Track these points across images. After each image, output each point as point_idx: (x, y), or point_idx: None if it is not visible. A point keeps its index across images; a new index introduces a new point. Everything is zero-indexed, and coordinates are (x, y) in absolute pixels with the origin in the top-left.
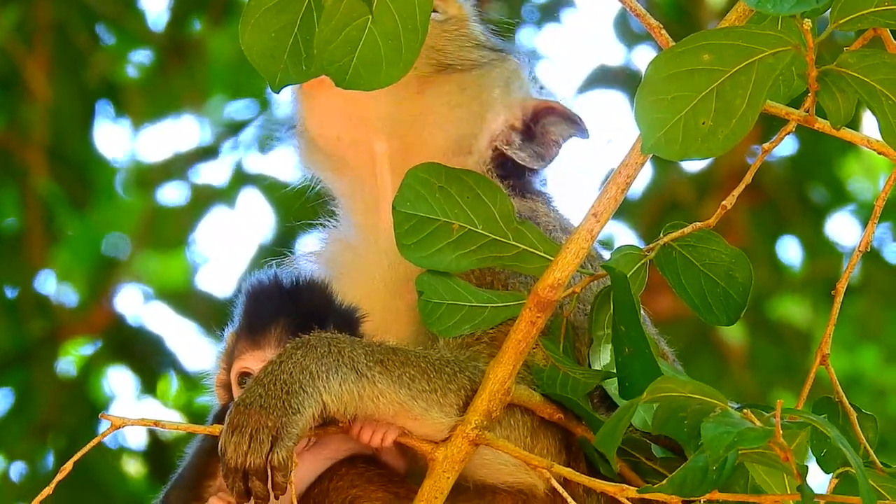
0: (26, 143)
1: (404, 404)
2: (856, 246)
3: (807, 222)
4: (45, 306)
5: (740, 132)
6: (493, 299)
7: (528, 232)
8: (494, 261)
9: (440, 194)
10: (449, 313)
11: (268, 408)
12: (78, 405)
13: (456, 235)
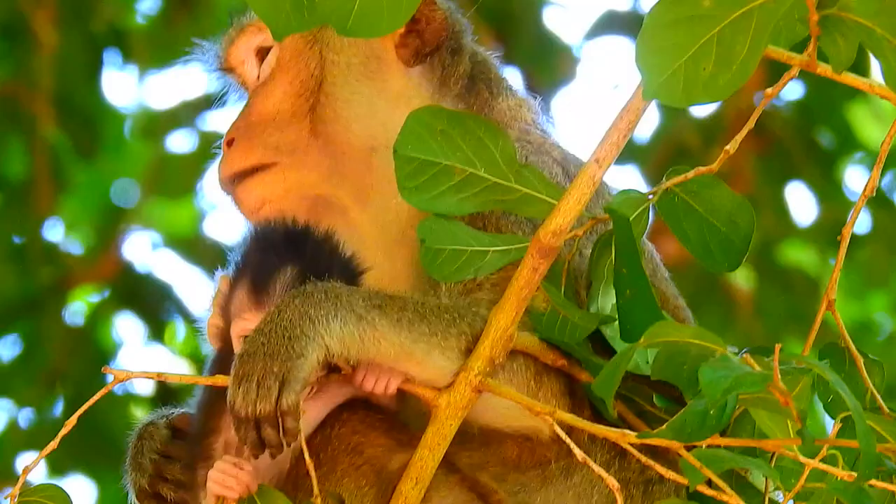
0: (33, 92)
1: (405, 347)
2: (863, 190)
3: (815, 168)
4: (52, 254)
5: (741, 78)
6: (495, 243)
7: (531, 175)
8: (497, 204)
9: (442, 137)
10: (451, 259)
11: (272, 354)
12: (86, 352)
13: (457, 178)
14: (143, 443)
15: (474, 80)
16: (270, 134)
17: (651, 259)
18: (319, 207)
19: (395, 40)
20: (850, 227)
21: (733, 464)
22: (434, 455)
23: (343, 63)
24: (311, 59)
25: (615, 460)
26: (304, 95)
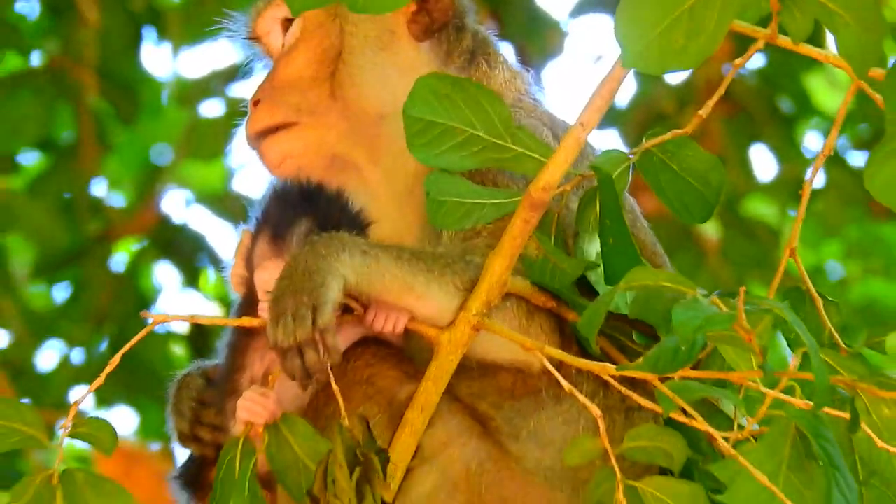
0: (79, 64)
1: (406, 280)
2: (820, 150)
3: (776, 131)
4: (98, 209)
5: (709, 48)
6: (492, 196)
7: (525, 136)
8: (494, 162)
9: (446, 101)
10: (453, 209)
11: (299, 289)
12: (128, 297)
13: (459, 138)
14: (182, 392)
15: (475, 54)
16: (293, 96)
17: (632, 211)
18: (336, 164)
19: (407, 17)
20: (810, 183)
21: (703, 393)
22: (437, 386)
23: (361, 35)
24: (332, 30)
25: (599, 390)
26: (325, 62)
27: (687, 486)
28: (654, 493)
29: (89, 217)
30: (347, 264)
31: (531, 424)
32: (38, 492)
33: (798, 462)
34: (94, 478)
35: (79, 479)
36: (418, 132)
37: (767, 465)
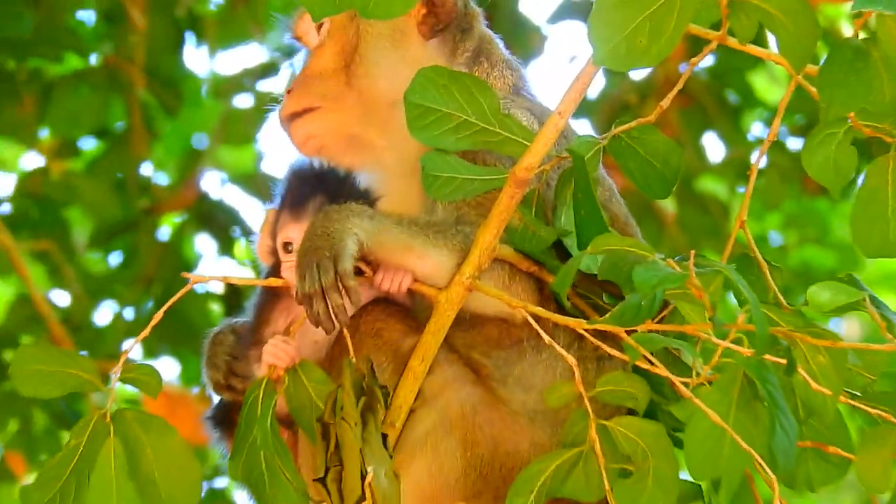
0: (129, 64)
1: (407, 242)
2: (766, 137)
3: (724, 120)
4: (146, 188)
5: (668, 48)
6: (480, 173)
7: (511, 123)
8: (484, 144)
9: (443, 90)
10: (446, 183)
11: (319, 247)
12: (172, 262)
13: (454, 123)
14: (215, 347)
15: (478, 54)
16: (317, 85)
17: (609, 189)
18: (353, 143)
19: (417, 19)
20: (756, 165)
21: (664, 344)
22: (436, 339)
23: (375, 33)
24: (351, 29)
25: (574, 342)
26: (345, 56)
27: (651, 425)
28: (622, 430)
29: (139, 194)
30: (358, 225)
31: (516, 371)
32: (94, 429)
33: (746, 403)
34: (142, 416)
35: (129, 417)
36: (417, 116)
37: (719, 406)
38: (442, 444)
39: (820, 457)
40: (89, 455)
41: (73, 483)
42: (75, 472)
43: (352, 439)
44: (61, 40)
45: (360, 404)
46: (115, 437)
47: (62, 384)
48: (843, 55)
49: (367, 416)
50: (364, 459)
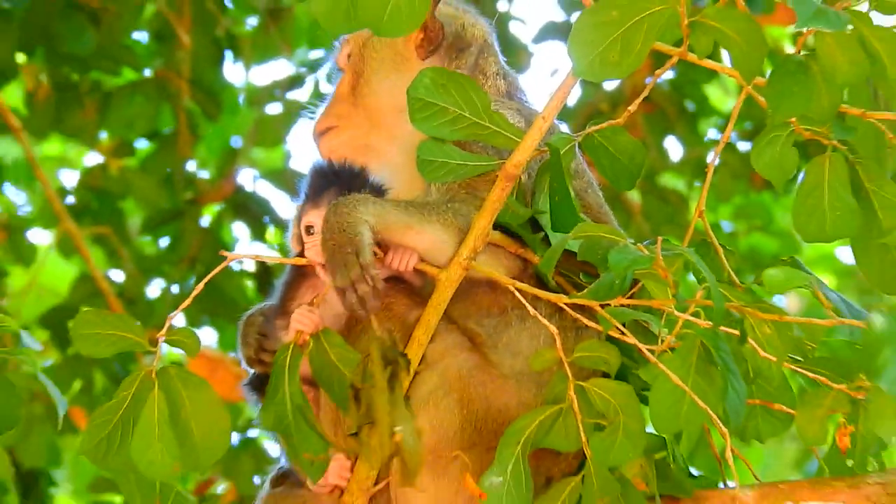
0: (177, 76)
1: (406, 221)
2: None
3: (683, 125)
4: (190, 182)
5: (637, 63)
6: (471, 159)
7: (499, 119)
8: (475, 135)
9: (441, 88)
10: (440, 167)
11: (342, 244)
12: (212, 245)
13: (450, 116)
14: (248, 328)
15: (473, 69)
16: (335, 107)
17: (588, 181)
18: (368, 150)
19: (416, 42)
20: (712, 164)
21: (632, 316)
22: (437, 311)
23: (378, 58)
24: (360, 57)
25: (556, 314)
26: (353, 81)
27: (621, 386)
28: (597, 390)
29: (184, 187)
30: (365, 212)
31: (504, 339)
32: (141, 383)
33: (703, 367)
34: (183, 373)
35: (171, 373)
36: (419, 109)
37: (680, 370)
38: (442, 403)
39: (767, 413)
40: (136, 405)
41: (120, 428)
42: (122, 419)
43: (383, 404)
44: (119, 56)
45: (387, 372)
46: (159, 391)
47: (115, 345)
48: (786, 69)
49: (394, 383)
50: (392, 421)
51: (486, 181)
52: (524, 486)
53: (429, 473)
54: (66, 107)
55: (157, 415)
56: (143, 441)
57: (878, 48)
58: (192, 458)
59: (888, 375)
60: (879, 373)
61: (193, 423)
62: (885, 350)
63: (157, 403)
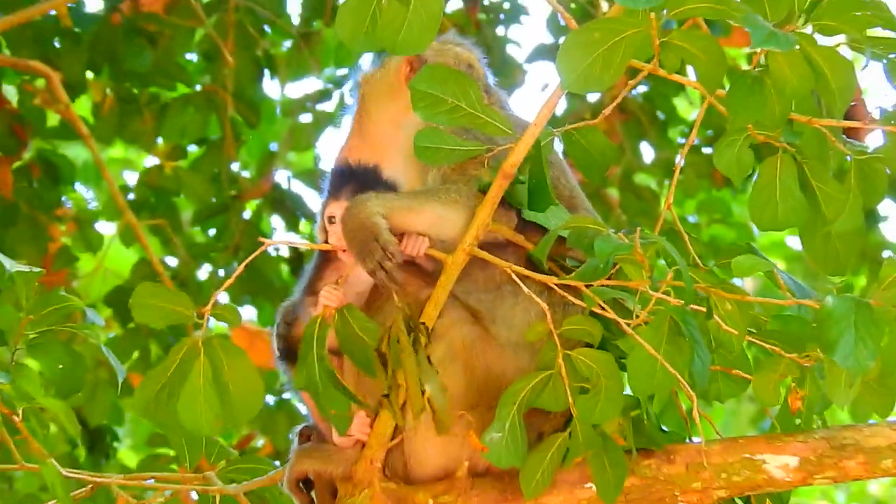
0: (222, 91)
1: (407, 204)
2: (685, 143)
3: (655, 132)
4: (234, 180)
5: (615, 77)
6: (463, 145)
7: (491, 112)
8: (470, 124)
9: (442, 82)
10: (435, 152)
11: (363, 238)
12: (253, 235)
13: (448, 106)
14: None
15: None
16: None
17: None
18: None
19: (406, 75)
20: (679, 165)
21: (612, 295)
22: (445, 291)
23: (376, 91)
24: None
25: (545, 291)
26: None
27: (603, 355)
28: (581, 358)
29: (229, 185)
30: (374, 205)
31: (501, 313)
32: (188, 350)
33: (672, 339)
34: (225, 343)
35: (215, 343)
36: (421, 99)
37: (653, 341)
38: (449, 369)
39: (726, 377)
40: (183, 369)
41: (168, 388)
42: (170, 380)
43: (411, 364)
44: (173, 73)
45: (411, 338)
46: (204, 357)
47: (167, 316)
48: (743, 83)
49: (417, 347)
50: (420, 380)
51: (474, 164)
52: (520, 440)
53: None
54: (127, 116)
55: (201, 378)
56: (189, 399)
57: (821, 65)
58: (231, 415)
59: (841, 351)
60: (833, 348)
61: (232, 385)
62: (836, 328)
63: (202, 368)
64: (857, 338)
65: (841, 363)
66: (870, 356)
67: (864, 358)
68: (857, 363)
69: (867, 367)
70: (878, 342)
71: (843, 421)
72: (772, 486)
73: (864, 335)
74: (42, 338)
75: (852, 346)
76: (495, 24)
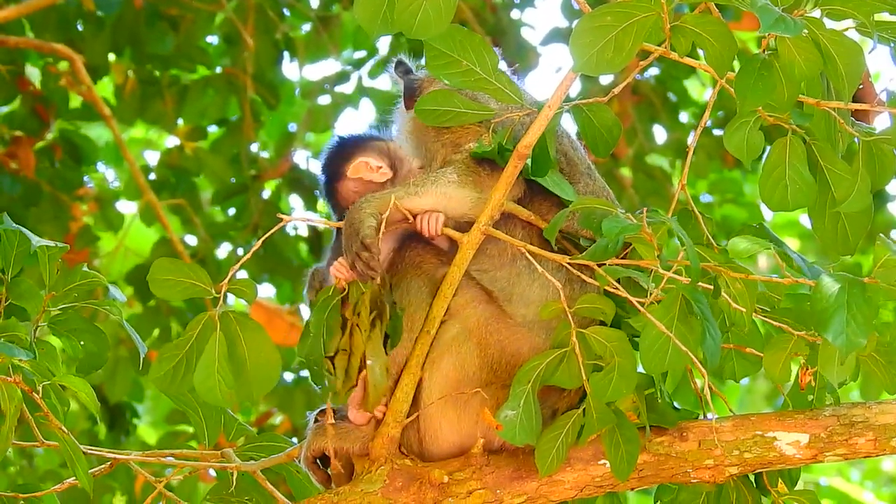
0: (242, 73)
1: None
2: (698, 124)
3: (667, 114)
4: (254, 161)
5: (628, 59)
6: (473, 107)
7: (503, 78)
8: (481, 88)
9: (458, 43)
10: (443, 114)
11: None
12: (272, 213)
13: (463, 68)
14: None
15: None
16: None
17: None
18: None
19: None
20: (692, 146)
21: (625, 274)
22: (460, 269)
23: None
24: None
25: (561, 269)
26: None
27: (615, 333)
28: (595, 336)
29: (248, 166)
30: (368, 206)
31: (517, 291)
32: (205, 324)
33: (684, 317)
34: (241, 317)
35: (231, 317)
36: (435, 58)
37: (665, 319)
38: (464, 347)
39: (739, 356)
40: (200, 342)
41: (185, 362)
42: (187, 354)
43: (361, 337)
44: (194, 56)
45: (373, 314)
46: (220, 331)
47: (185, 290)
48: (753, 66)
49: (376, 322)
50: (366, 353)
51: (469, 133)
52: (534, 418)
53: (453, 407)
54: (149, 98)
55: (217, 351)
56: (205, 372)
57: (829, 48)
58: (246, 388)
59: (833, 329)
60: (826, 326)
61: (248, 359)
62: (829, 306)
63: (217, 342)
64: (848, 316)
65: (832, 341)
66: (861, 334)
67: (856, 336)
68: (848, 341)
69: (859, 345)
70: (871, 320)
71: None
72: (783, 462)
73: (855, 313)
74: (64, 314)
75: (844, 324)
76: (510, 7)
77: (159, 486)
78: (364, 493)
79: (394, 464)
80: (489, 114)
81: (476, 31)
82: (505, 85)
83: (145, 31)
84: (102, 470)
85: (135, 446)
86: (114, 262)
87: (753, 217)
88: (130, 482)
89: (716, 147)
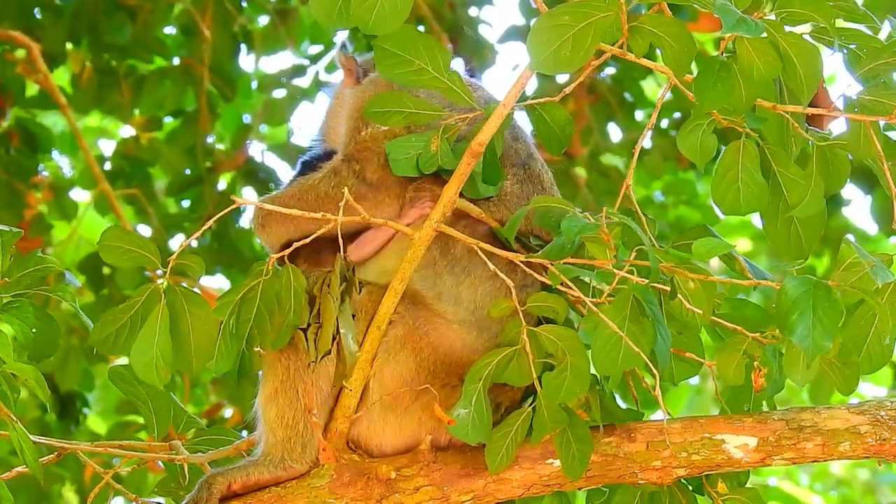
0: (199, 65)
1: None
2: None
3: (623, 113)
4: (209, 152)
5: (584, 59)
6: (424, 108)
7: (455, 77)
8: (433, 87)
9: (410, 43)
10: (393, 115)
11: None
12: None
13: (414, 67)
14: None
15: None
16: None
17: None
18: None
19: (345, 83)
20: (639, 147)
21: (577, 273)
22: (411, 266)
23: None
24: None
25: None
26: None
27: (566, 331)
28: (546, 335)
29: (204, 157)
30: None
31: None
32: (150, 294)
33: (635, 317)
34: (187, 292)
35: (178, 291)
36: (386, 58)
37: (616, 319)
38: (400, 355)
39: (679, 359)
40: (143, 311)
41: (127, 328)
42: (131, 320)
43: (331, 308)
44: (151, 46)
45: (342, 287)
46: (165, 303)
47: (133, 259)
48: (711, 68)
49: (345, 297)
50: (338, 323)
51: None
52: (485, 416)
53: (394, 412)
54: (105, 88)
55: (158, 323)
56: (143, 345)
57: (788, 51)
58: (186, 361)
59: (799, 332)
60: (792, 329)
61: (192, 333)
62: (795, 309)
63: (160, 312)
64: (814, 319)
65: (799, 344)
66: (827, 337)
67: (822, 339)
68: (815, 344)
69: (825, 348)
70: (836, 323)
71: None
72: (731, 465)
73: (821, 316)
74: (16, 301)
75: (810, 327)
76: (468, 4)
77: (107, 477)
78: (311, 488)
79: (341, 459)
80: (439, 113)
81: (434, 28)
82: (456, 83)
83: (103, 21)
84: (51, 459)
85: (84, 436)
86: (67, 251)
87: (707, 219)
88: (80, 472)
89: (671, 148)
